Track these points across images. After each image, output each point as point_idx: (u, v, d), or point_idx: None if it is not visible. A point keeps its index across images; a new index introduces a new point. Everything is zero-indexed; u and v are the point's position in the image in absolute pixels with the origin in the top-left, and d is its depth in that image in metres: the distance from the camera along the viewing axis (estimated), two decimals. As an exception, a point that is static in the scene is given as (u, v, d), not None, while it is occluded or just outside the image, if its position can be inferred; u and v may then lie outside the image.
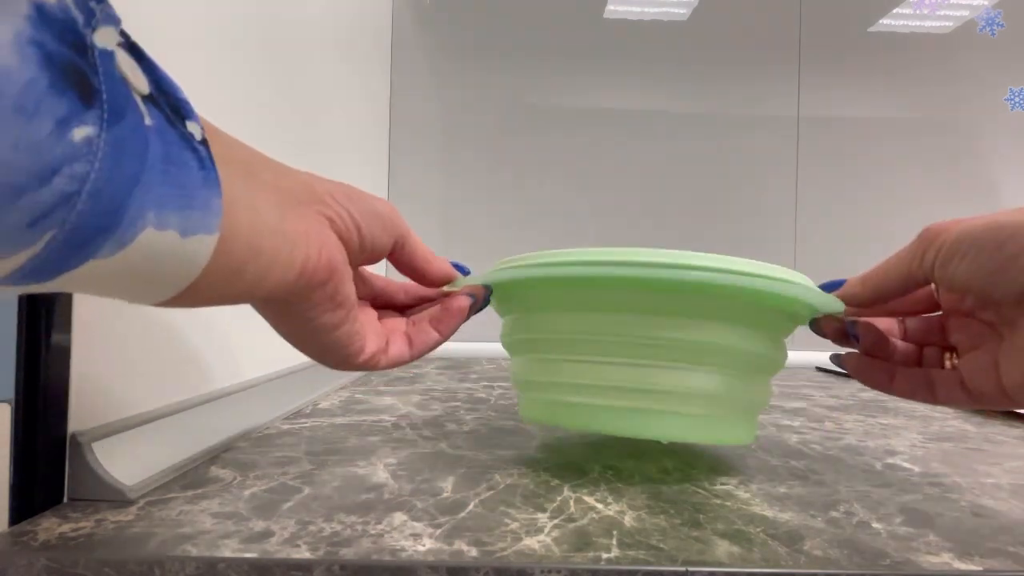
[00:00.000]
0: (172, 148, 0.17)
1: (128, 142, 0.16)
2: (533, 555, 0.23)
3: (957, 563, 0.23)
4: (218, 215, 0.19)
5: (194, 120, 0.19)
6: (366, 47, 0.87)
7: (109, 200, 0.16)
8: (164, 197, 0.17)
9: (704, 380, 0.31)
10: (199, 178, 0.18)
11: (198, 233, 0.19)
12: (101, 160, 0.15)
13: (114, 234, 0.16)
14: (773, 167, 1.05)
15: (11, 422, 0.24)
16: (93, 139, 0.15)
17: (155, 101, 0.17)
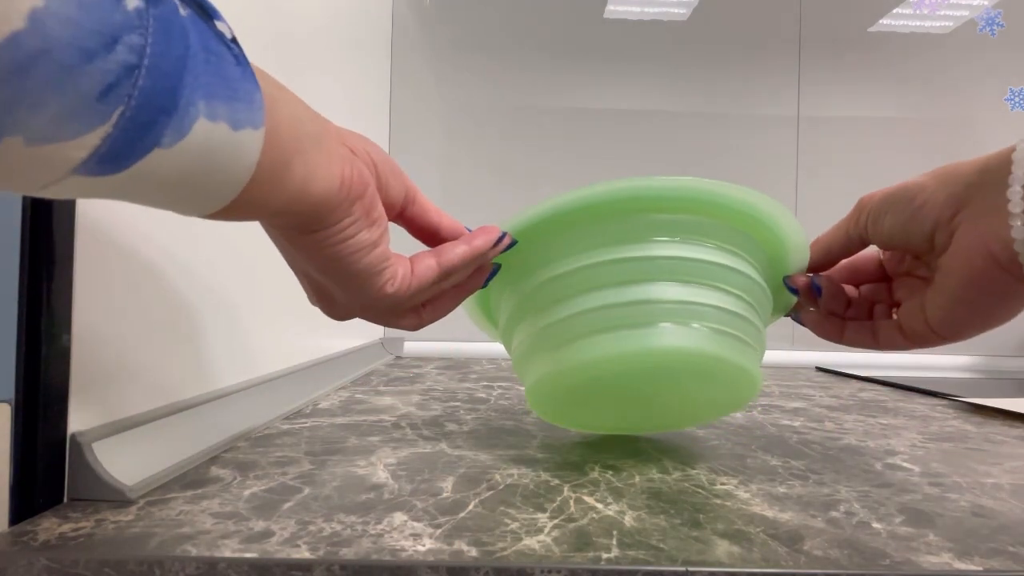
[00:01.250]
0: (208, 40, 0.18)
1: (172, 23, 0.16)
2: (533, 555, 0.23)
3: (957, 563, 0.23)
4: (261, 109, 0.20)
5: (222, 20, 0.19)
6: (366, 47, 0.87)
7: (165, 78, 0.16)
8: (211, 86, 0.17)
9: (702, 293, 0.32)
10: (237, 72, 0.19)
11: (246, 127, 0.19)
12: (152, 35, 0.15)
13: (172, 117, 0.16)
14: (773, 167, 1.05)
15: (11, 422, 0.24)
16: (143, 11, 0.15)
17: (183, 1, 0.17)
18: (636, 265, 0.32)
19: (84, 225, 0.27)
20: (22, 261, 0.25)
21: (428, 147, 1.03)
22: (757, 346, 0.35)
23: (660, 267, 0.32)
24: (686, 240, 0.32)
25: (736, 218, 0.33)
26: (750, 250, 0.34)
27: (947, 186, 0.30)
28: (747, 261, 0.34)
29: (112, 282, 0.29)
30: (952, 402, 0.64)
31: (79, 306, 0.27)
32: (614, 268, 0.32)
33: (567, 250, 0.33)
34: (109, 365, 0.29)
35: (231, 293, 0.42)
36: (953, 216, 0.29)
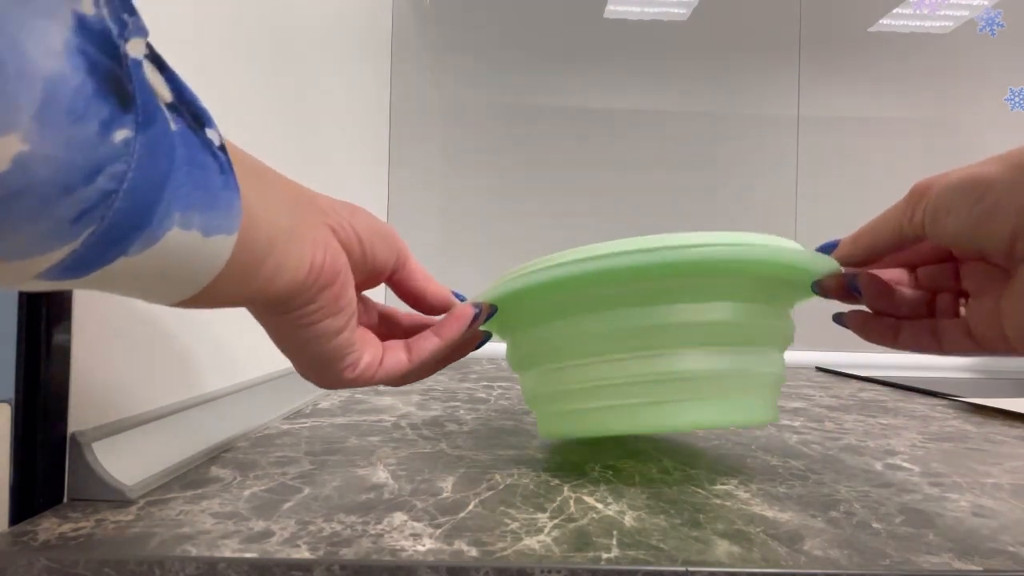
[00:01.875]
0: (195, 152, 0.18)
1: (159, 144, 0.17)
2: (533, 555, 0.23)
3: (957, 563, 0.23)
4: (238, 216, 0.20)
5: (213, 128, 0.20)
6: (366, 47, 0.87)
7: (143, 197, 0.17)
8: (190, 197, 0.18)
9: (716, 360, 0.31)
10: (219, 181, 0.19)
11: (219, 233, 0.20)
12: (137, 160, 0.16)
13: (145, 231, 0.17)
14: (773, 167, 1.05)
15: (11, 422, 0.24)
16: (130, 140, 0.16)
17: (177, 109, 0.18)
18: (655, 335, 0.31)
19: (84, 225, 0.27)
20: (22, 261, 0.25)
21: (428, 147, 1.03)
22: (775, 386, 0.34)
23: (678, 335, 0.31)
24: (703, 300, 0.31)
25: (755, 271, 0.31)
26: (773, 293, 0.33)
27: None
28: (769, 307, 0.33)
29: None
30: (952, 402, 0.64)
31: (79, 306, 0.27)
32: (631, 337, 0.31)
33: (578, 307, 0.32)
34: (109, 365, 0.29)
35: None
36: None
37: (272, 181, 0.24)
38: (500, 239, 1.02)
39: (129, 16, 0.16)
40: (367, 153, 0.90)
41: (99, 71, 0.15)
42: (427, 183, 1.02)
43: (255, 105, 0.46)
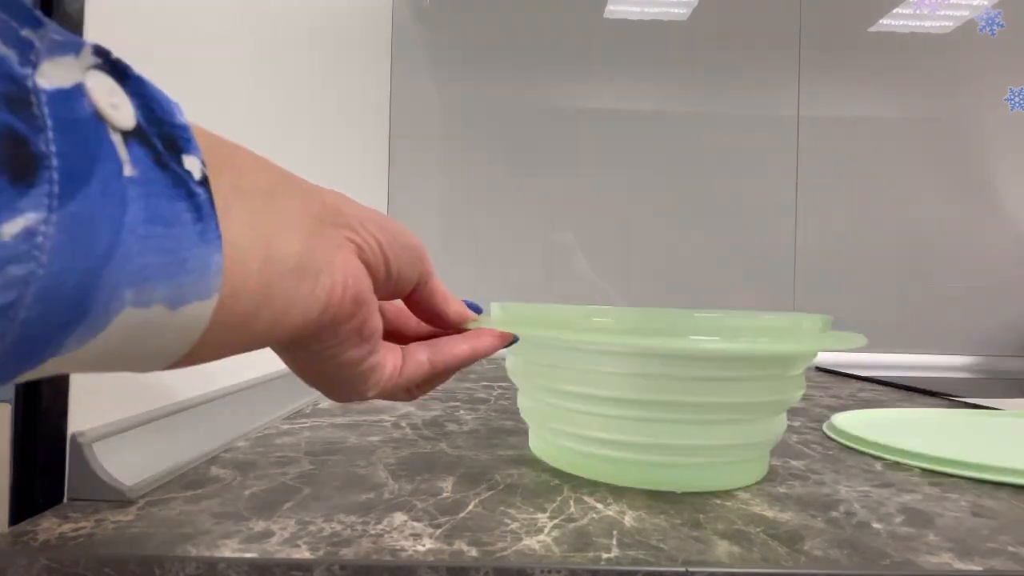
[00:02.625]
0: (159, 201, 0.14)
1: (94, 213, 0.13)
2: (533, 555, 0.23)
3: (957, 563, 0.23)
4: (217, 274, 0.16)
5: (193, 153, 0.15)
6: (366, 47, 0.87)
7: (67, 296, 0.13)
8: (146, 269, 0.14)
9: (720, 433, 0.31)
10: (193, 233, 0.15)
11: (191, 301, 0.15)
12: (50, 252, 0.12)
13: (79, 327, 0.13)
14: (773, 167, 1.05)
15: (11, 422, 0.24)
16: (35, 228, 0.11)
17: (142, 136, 0.14)
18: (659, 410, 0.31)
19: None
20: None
21: (428, 147, 1.03)
22: (774, 439, 0.34)
23: (686, 412, 0.31)
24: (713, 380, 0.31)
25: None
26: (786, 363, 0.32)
27: None
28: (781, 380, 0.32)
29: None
30: (952, 402, 0.64)
31: (79, 306, 0.27)
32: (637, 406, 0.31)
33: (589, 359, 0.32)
34: (109, 365, 0.29)
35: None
36: None
37: (284, 196, 0.20)
38: (500, 239, 1.02)
39: (33, 30, 0.12)
40: (367, 153, 0.90)
41: None
42: (427, 183, 1.02)
43: (255, 105, 0.46)
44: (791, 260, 1.02)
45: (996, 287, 1.03)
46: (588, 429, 0.32)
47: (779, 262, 1.02)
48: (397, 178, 1.02)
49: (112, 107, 0.13)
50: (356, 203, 0.24)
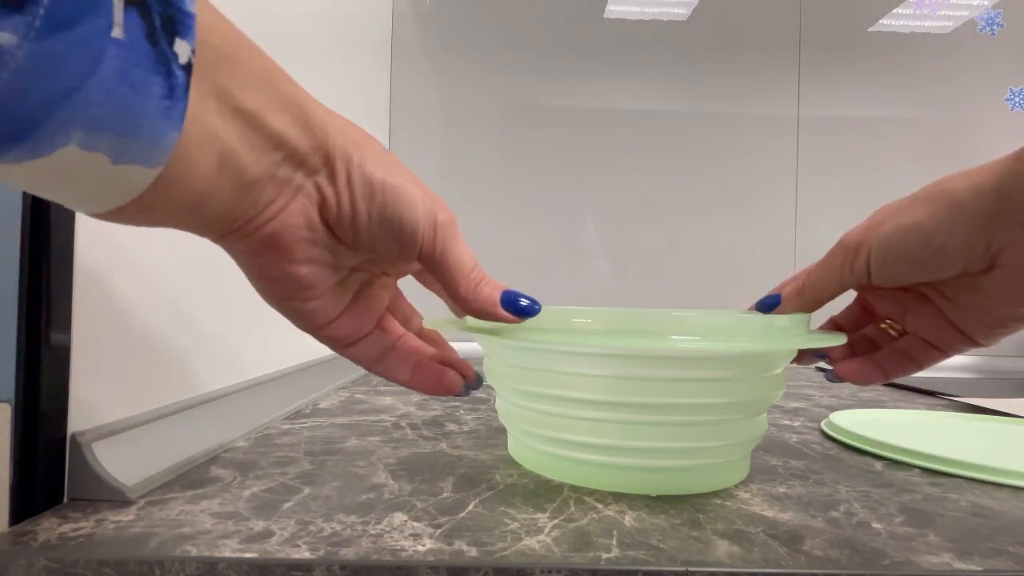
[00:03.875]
0: (135, 69, 0.16)
1: (67, 54, 0.14)
2: (533, 555, 0.23)
3: (957, 563, 0.23)
4: (167, 150, 0.17)
5: (186, 39, 0.17)
6: (366, 47, 0.87)
7: (15, 114, 0.14)
8: (101, 119, 0.16)
9: (698, 434, 0.31)
10: (158, 107, 0.16)
11: (134, 164, 0.17)
12: (13, 72, 0.14)
13: (24, 145, 0.15)
14: (773, 167, 1.05)
15: (11, 422, 0.24)
16: (10, 49, 0.13)
17: (144, 7, 0.15)
18: (635, 412, 0.30)
19: (84, 225, 0.27)
20: (22, 261, 0.25)
21: (428, 147, 1.03)
22: (755, 439, 0.34)
23: (666, 416, 0.30)
24: (690, 381, 0.30)
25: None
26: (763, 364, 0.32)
27: (962, 219, 0.28)
28: (761, 381, 0.32)
29: (112, 282, 0.29)
30: (952, 402, 0.64)
31: (79, 306, 0.27)
32: (613, 408, 0.30)
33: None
34: (109, 365, 0.29)
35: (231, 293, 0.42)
36: (989, 245, 0.28)
37: (273, 108, 0.20)
38: (500, 238, 1.01)
39: None
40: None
41: None
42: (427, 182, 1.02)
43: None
44: (791, 260, 1.02)
45: (996, 287, 1.03)
46: (564, 432, 0.31)
47: (779, 262, 1.02)
48: (397, 178, 1.02)
49: None
50: (372, 153, 0.24)
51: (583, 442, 0.31)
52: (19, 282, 0.25)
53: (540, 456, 0.34)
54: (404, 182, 0.25)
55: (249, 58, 0.20)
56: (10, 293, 0.25)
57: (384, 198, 0.24)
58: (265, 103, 0.20)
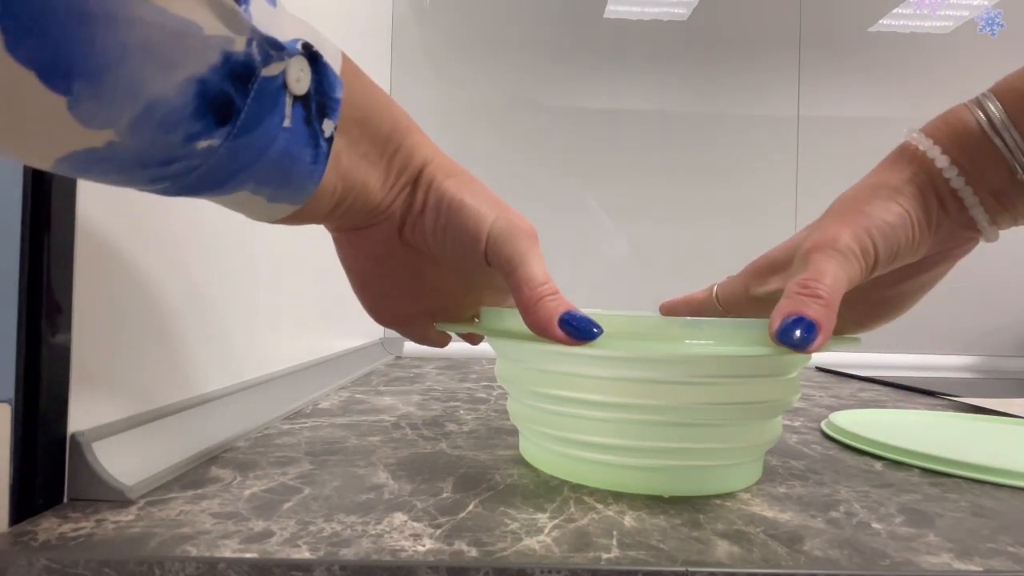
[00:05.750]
0: (295, 145, 0.22)
1: (251, 144, 0.21)
2: (533, 555, 0.23)
3: (957, 563, 0.23)
4: (308, 194, 0.24)
5: (332, 119, 0.23)
6: (366, 46, 0.87)
7: (213, 179, 0.21)
8: (266, 178, 0.22)
9: (711, 436, 0.30)
10: (307, 169, 0.23)
11: (283, 202, 0.24)
12: (215, 159, 0.20)
13: (213, 192, 0.22)
14: (773, 167, 1.05)
15: (11, 422, 0.24)
16: (214, 147, 0.20)
17: (306, 101, 0.22)
18: (649, 413, 0.29)
19: (84, 225, 0.27)
20: (22, 261, 0.25)
21: (428, 147, 1.03)
22: (769, 443, 0.33)
23: (682, 417, 0.30)
24: (704, 384, 0.29)
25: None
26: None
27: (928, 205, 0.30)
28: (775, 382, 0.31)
29: (112, 282, 0.29)
30: (952, 402, 0.64)
31: (79, 306, 0.27)
32: (626, 410, 0.30)
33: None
34: (109, 365, 0.29)
35: (232, 293, 0.42)
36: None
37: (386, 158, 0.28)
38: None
39: (276, 51, 0.20)
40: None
41: (207, 97, 0.18)
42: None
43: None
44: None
45: (995, 287, 1.03)
46: (577, 434, 0.31)
47: (779, 262, 1.02)
48: (397, 178, 1.02)
49: (296, 80, 0.21)
50: (455, 176, 0.29)
51: (596, 443, 0.31)
52: (19, 282, 0.25)
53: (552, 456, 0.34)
54: (471, 198, 0.29)
55: (377, 118, 0.27)
56: (10, 293, 0.25)
57: (450, 209, 0.28)
58: (380, 151, 0.27)
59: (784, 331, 0.26)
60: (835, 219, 0.30)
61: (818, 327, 0.26)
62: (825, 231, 0.29)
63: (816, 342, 0.26)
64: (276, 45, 0.20)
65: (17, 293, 0.25)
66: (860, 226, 0.29)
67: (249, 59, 0.19)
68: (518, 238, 0.28)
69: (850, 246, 0.29)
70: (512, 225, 0.28)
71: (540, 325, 0.27)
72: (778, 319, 0.26)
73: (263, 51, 0.19)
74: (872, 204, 0.30)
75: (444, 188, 0.29)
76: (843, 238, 0.29)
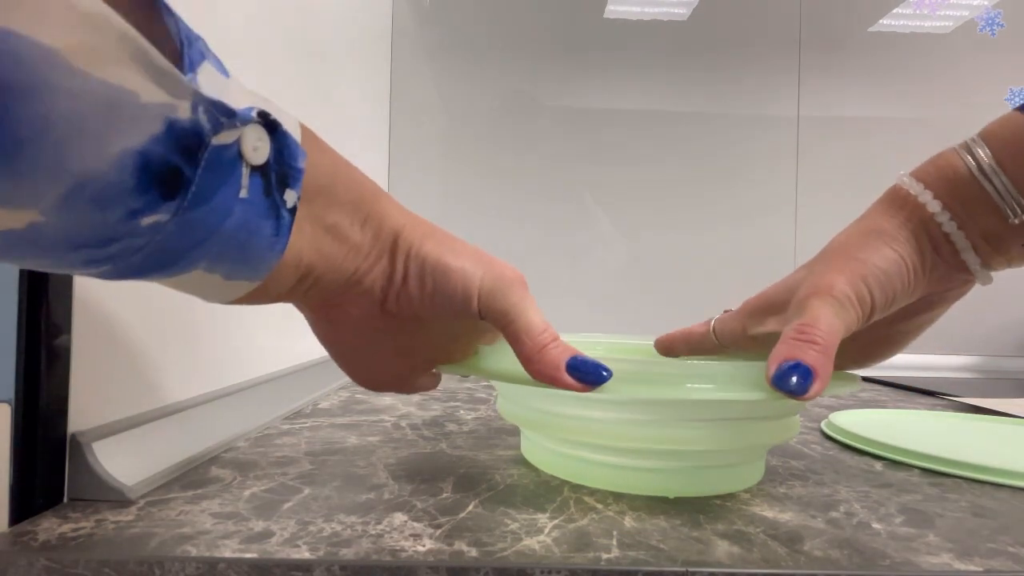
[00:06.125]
0: (252, 217, 0.20)
1: (204, 218, 0.18)
2: (533, 555, 0.23)
3: (957, 563, 0.23)
4: (266, 272, 0.22)
5: (295, 189, 0.21)
6: (366, 46, 0.87)
7: (163, 259, 0.19)
8: (222, 254, 0.20)
9: (720, 435, 0.30)
10: (267, 243, 0.21)
11: (240, 279, 0.22)
12: (163, 236, 0.18)
13: (161, 272, 0.20)
14: (773, 167, 1.05)
15: (11, 422, 0.24)
16: (162, 223, 0.17)
17: (265, 171, 0.20)
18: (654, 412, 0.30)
19: (84, 225, 0.27)
20: (22, 261, 0.25)
21: (428, 147, 1.03)
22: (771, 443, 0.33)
23: (687, 411, 0.29)
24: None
25: None
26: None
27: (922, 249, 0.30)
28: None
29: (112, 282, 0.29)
30: (952, 402, 0.64)
31: (79, 306, 0.27)
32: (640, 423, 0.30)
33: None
34: (109, 365, 0.29)
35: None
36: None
37: (351, 234, 0.25)
38: (499, 238, 1.01)
39: (227, 118, 0.18)
40: (367, 152, 0.90)
41: (151, 169, 0.16)
42: (427, 182, 1.02)
43: (255, 105, 0.46)
44: (791, 260, 1.02)
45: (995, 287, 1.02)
46: (582, 435, 0.31)
47: (779, 262, 1.02)
48: (397, 177, 1.02)
49: (253, 150, 0.19)
50: (432, 238, 0.27)
51: (598, 444, 0.31)
52: (19, 282, 0.25)
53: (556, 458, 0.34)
54: (454, 258, 0.27)
55: (343, 187, 0.25)
56: (10, 293, 0.25)
57: (435, 274, 0.27)
58: (349, 221, 0.25)
59: (781, 377, 0.25)
60: (831, 265, 0.30)
61: (815, 373, 0.25)
62: (821, 276, 0.30)
63: (813, 388, 0.25)
64: (226, 111, 0.18)
65: (17, 293, 0.25)
66: (856, 273, 0.29)
67: (196, 126, 0.17)
68: (510, 289, 0.27)
69: (846, 293, 0.28)
70: (501, 277, 0.27)
71: (546, 374, 0.26)
72: (774, 365, 0.26)
73: (212, 118, 0.17)
74: (867, 250, 0.30)
75: (425, 253, 0.27)
76: (839, 285, 0.29)
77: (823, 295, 0.28)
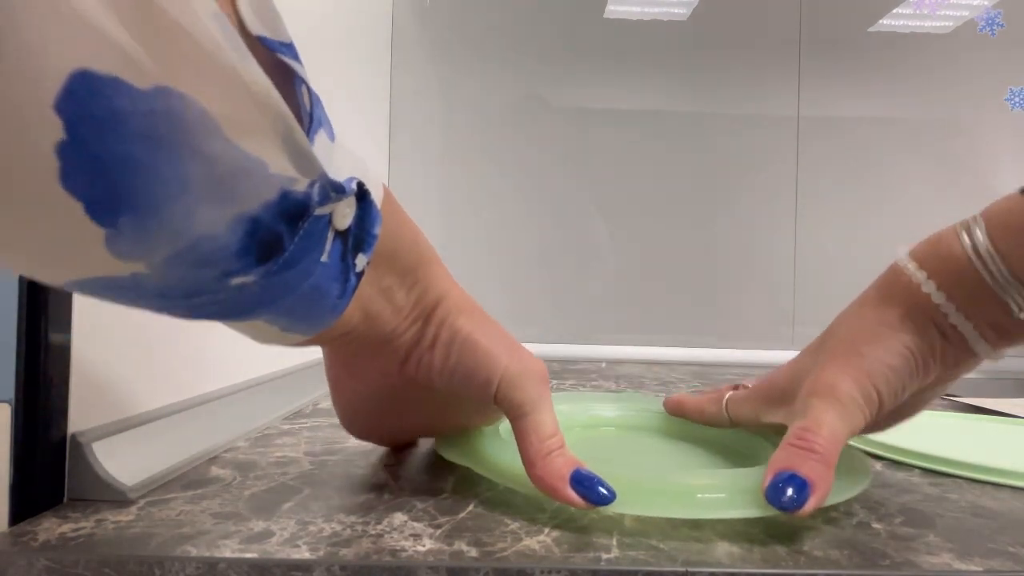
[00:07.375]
0: (326, 279, 0.21)
1: (285, 283, 0.19)
2: (533, 555, 0.23)
3: (957, 563, 0.23)
4: (321, 329, 0.23)
5: (366, 254, 0.22)
6: (366, 47, 0.87)
7: (233, 311, 0.20)
8: (285, 312, 0.21)
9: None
10: (330, 304, 0.22)
11: (295, 334, 0.23)
12: (244, 295, 0.19)
13: (226, 320, 0.21)
14: (773, 167, 1.05)
15: (11, 422, 0.24)
16: (246, 285, 0.18)
17: (345, 236, 0.21)
18: None
19: (84, 225, 0.27)
20: (22, 261, 0.25)
21: (428, 147, 1.03)
22: None
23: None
24: None
25: None
26: None
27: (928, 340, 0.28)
28: None
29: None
30: (952, 402, 0.64)
31: (79, 306, 0.27)
32: None
33: None
34: (109, 365, 0.29)
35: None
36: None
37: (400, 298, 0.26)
38: (499, 238, 1.02)
39: (336, 193, 0.19)
40: (367, 152, 0.90)
41: (257, 235, 0.17)
42: (427, 182, 1.02)
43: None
44: (791, 260, 1.02)
45: (996, 287, 1.02)
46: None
47: (778, 262, 1.02)
48: (397, 177, 1.02)
49: (342, 217, 0.20)
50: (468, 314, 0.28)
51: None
52: (19, 282, 0.25)
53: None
54: (484, 339, 0.27)
55: (404, 252, 0.26)
56: (10, 293, 0.25)
57: (463, 348, 0.27)
58: (399, 283, 0.26)
59: (775, 489, 0.24)
60: (836, 361, 0.29)
61: (811, 487, 0.24)
62: (825, 371, 0.28)
63: (809, 504, 0.24)
64: (337, 187, 0.19)
65: (17, 293, 0.25)
66: (862, 371, 0.28)
67: (307, 198, 0.18)
68: (531, 383, 0.27)
69: (851, 395, 0.27)
70: (526, 369, 0.27)
71: (547, 482, 0.26)
72: (770, 475, 0.25)
73: (322, 191, 0.18)
74: (873, 345, 0.28)
75: (458, 326, 0.27)
76: (844, 386, 0.27)
77: (826, 396, 0.27)
